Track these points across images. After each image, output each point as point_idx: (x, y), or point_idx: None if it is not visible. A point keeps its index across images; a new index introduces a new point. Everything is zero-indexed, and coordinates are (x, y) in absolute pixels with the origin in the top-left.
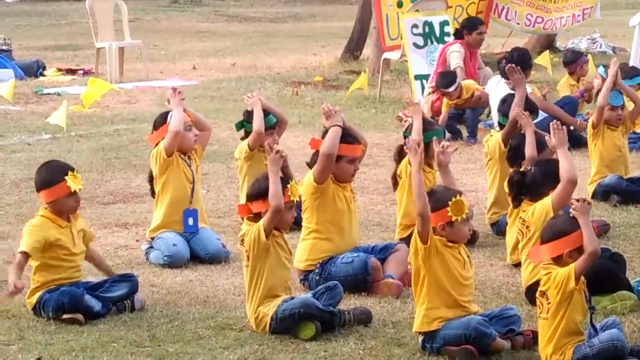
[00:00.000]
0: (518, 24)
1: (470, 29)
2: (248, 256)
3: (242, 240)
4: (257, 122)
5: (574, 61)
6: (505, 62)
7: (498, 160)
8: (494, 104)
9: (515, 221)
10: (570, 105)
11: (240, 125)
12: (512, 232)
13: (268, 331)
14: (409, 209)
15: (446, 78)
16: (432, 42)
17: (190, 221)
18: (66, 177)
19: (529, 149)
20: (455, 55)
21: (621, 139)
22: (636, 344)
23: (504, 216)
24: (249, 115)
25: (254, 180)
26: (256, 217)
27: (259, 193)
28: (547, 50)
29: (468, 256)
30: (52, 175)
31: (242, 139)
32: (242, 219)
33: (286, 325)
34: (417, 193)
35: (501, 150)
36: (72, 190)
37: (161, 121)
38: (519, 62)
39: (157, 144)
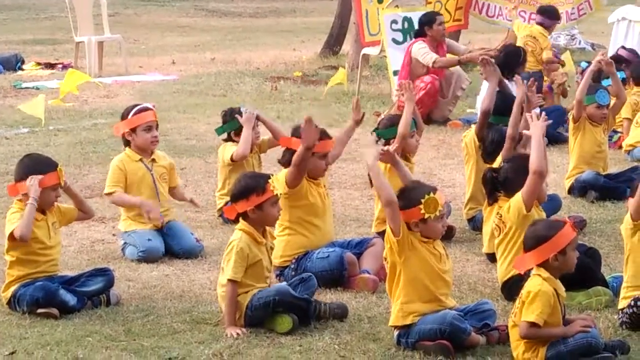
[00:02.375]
0: (510, 20)
1: (429, 23)
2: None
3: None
4: (243, 146)
5: None
6: (497, 60)
7: (474, 155)
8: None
9: (490, 215)
10: (556, 113)
11: (220, 130)
12: (488, 225)
13: (243, 322)
14: None
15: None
16: (411, 38)
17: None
18: (58, 169)
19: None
20: (423, 50)
21: (602, 135)
22: (611, 339)
23: (480, 212)
24: (225, 116)
25: (236, 179)
26: (245, 217)
27: (241, 193)
28: None
29: (444, 249)
30: (39, 165)
31: (225, 140)
32: (221, 212)
33: (261, 314)
34: (376, 183)
35: (476, 144)
36: (57, 184)
37: (126, 112)
38: (510, 61)
39: (123, 134)
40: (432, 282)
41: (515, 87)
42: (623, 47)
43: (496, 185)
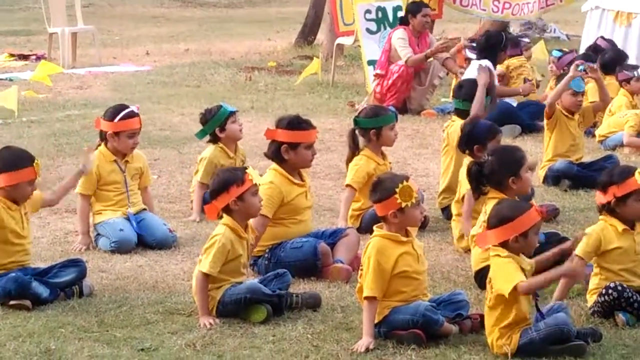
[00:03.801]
0: (484, 10)
1: (414, 12)
2: None
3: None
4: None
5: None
6: (478, 45)
7: (455, 147)
8: None
9: (458, 208)
10: (532, 106)
11: (202, 134)
12: (457, 220)
13: (215, 315)
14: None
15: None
16: (385, 28)
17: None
18: (35, 163)
19: (476, 107)
20: (401, 43)
21: (577, 129)
22: (582, 327)
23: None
24: (203, 118)
25: (213, 174)
26: (225, 210)
27: (221, 187)
28: None
29: (422, 250)
30: (17, 159)
31: (209, 142)
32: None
33: (232, 309)
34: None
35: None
36: (34, 178)
37: (112, 113)
38: (492, 46)
39: (102, 130)
40: (410, 286)
41: (479, 74)
42: (602, 37)
43: (481, 179)
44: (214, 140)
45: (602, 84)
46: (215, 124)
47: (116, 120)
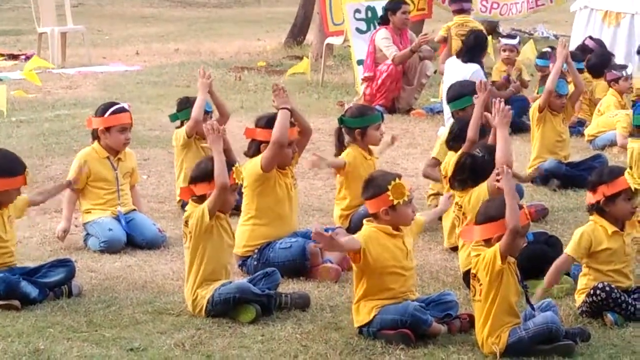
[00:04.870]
0: (472, 10)
1: (393, 10)
2: (190, 237)
3: (187, 222)
4: (197, 110)
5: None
6: (464, 44)
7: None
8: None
9: (451, 206)
10: (519, 103)
11: (174, 117)
12: (448, 216)
13: (204, 314)
14: (354, 195)
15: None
16: (374, 27)
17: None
18: (26, 172)
19: (471, 132)
20: (385, 42)
21: (561, 125)
22: (571, 327)
23: None
24: (180, 104)
25: (197, 162)
26: (200, 199)
27: (203, 175)
28: (490, 36)
29: (412, 246)
30: (11, 166)
31: (178, 127)
32: (181, 202)
33: (222, 309)
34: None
35: None
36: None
37: (102, 109)
38: (476, 45)
39: (95, 129)
40: (397, 283)
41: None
42: (590, 38)
43: (474, 173)
44: (182, 126)
45: (574, 68)
46: (187, 115)
47: (107, 115)
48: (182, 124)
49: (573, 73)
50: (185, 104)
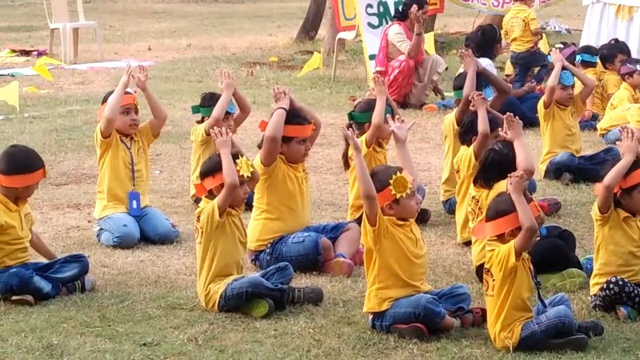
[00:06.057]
0: (484, 4)
1: (420, 3)
2: (202, 233)
3: (199, 217)
4: (218, 109)
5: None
6: (472, 40)
7: (452, 138)
8: None
9: (464, 200)
10: (533, 99)
11: (196, 109)
12: (461, 210)
13: (217, 309)
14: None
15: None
16: (386, 22)
17: (134, 204)
18: (44, 166)
19: (482, 126)
20: (399, 37)
21: (571, 119)
22: (584, 321)
23: (455, 195)
24: (204, 100)
25: (204, 159)
26: (212, 194)
27: (211, 170)
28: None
29: (420, 234)
30: (28, 162)
31: (199, 122)
32: (195, 197)
33: (234, 303)
34: (359, 175)
35: (454, 128)
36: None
37: (106, 97)
38: (488, 40)
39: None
40: (404, 269)
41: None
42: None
43: (502, 170)
44: (203, 122)
45: (577, 71)
46: (209, 112)
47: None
48: (202, 120)
49: (577, 74)
50: (209, 101)
